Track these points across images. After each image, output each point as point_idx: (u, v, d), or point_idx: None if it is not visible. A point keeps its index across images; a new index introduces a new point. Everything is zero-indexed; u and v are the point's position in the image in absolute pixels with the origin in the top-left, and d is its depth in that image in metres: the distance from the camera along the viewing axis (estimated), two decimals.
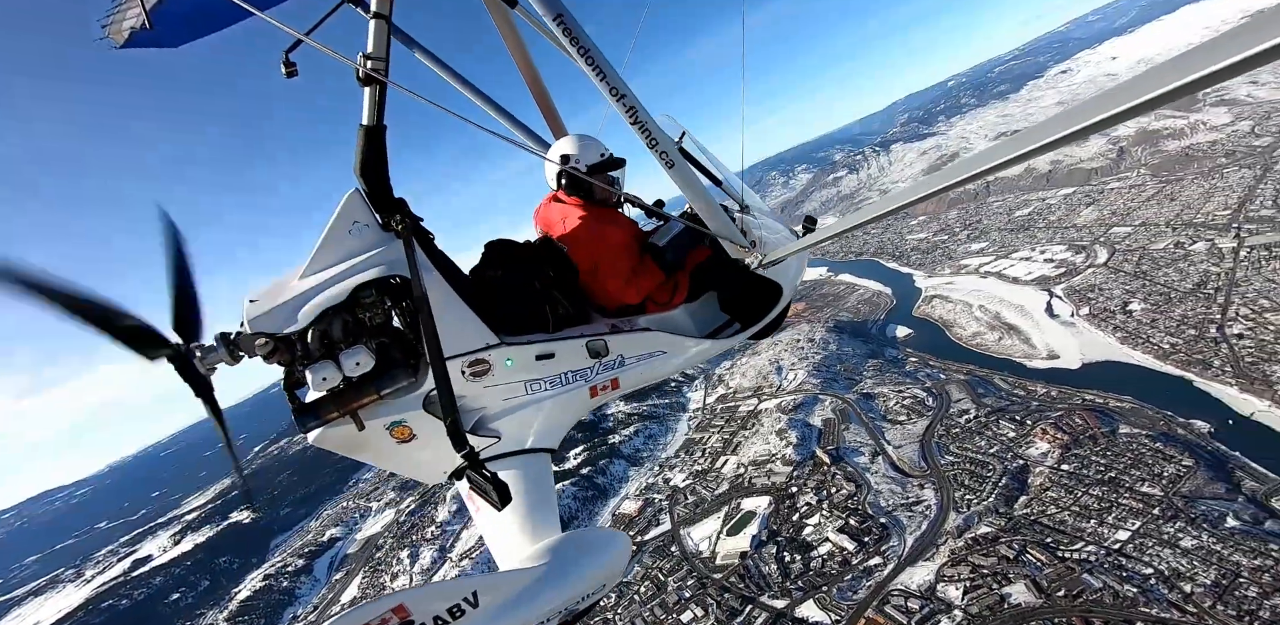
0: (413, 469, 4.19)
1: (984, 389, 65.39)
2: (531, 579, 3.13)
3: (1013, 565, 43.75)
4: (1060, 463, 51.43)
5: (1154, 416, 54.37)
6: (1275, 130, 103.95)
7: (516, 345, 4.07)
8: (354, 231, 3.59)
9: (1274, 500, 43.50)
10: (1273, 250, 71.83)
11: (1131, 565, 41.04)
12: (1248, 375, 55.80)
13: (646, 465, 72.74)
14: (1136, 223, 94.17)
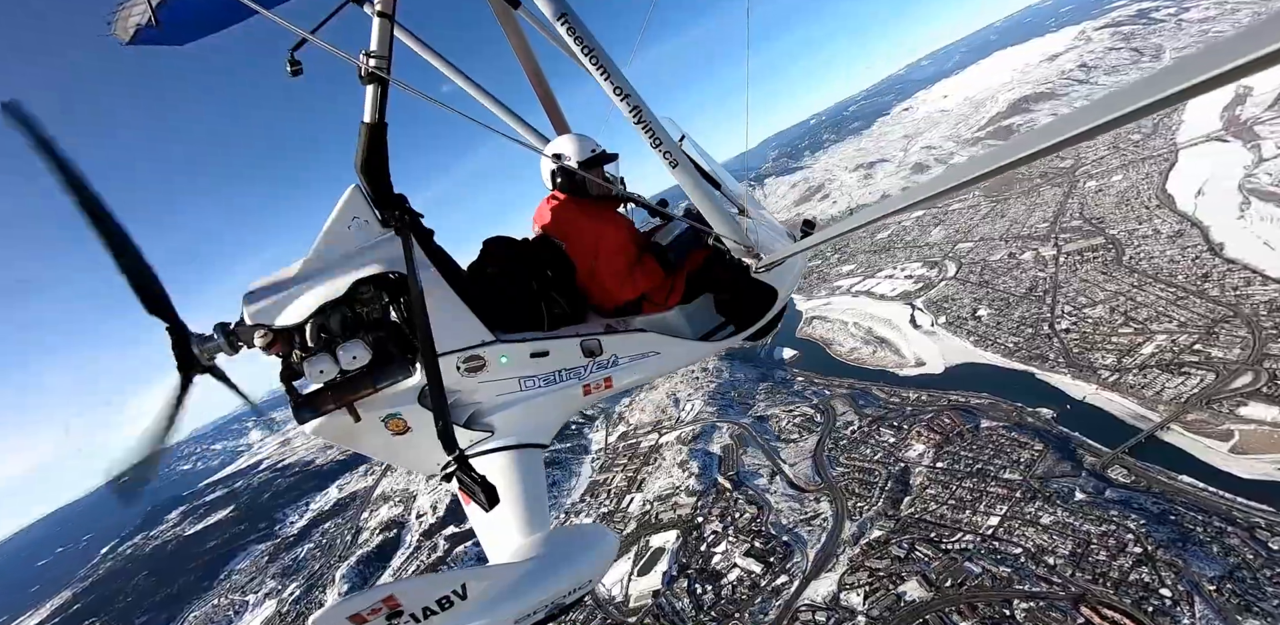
0: (407, 461, 4.17)
1: (864, 400, 69.38)
2: (520, 572, 3.17)
3: (904, 564, 45.81)
4: (935, 461, 55.10)
5: (1008, 409, 59.72)
6: (1074, 153, 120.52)
7: (512, 342, 4.11)
8: (354, 227, 3.63)
9: (1110, 471, 48.61)
10: (1084, 255, 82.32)
11: (1003, 547, 44.19)
12: (1077, 364, 62.91)
13: (551, 514, 70.41)
14: (976, 238, 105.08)
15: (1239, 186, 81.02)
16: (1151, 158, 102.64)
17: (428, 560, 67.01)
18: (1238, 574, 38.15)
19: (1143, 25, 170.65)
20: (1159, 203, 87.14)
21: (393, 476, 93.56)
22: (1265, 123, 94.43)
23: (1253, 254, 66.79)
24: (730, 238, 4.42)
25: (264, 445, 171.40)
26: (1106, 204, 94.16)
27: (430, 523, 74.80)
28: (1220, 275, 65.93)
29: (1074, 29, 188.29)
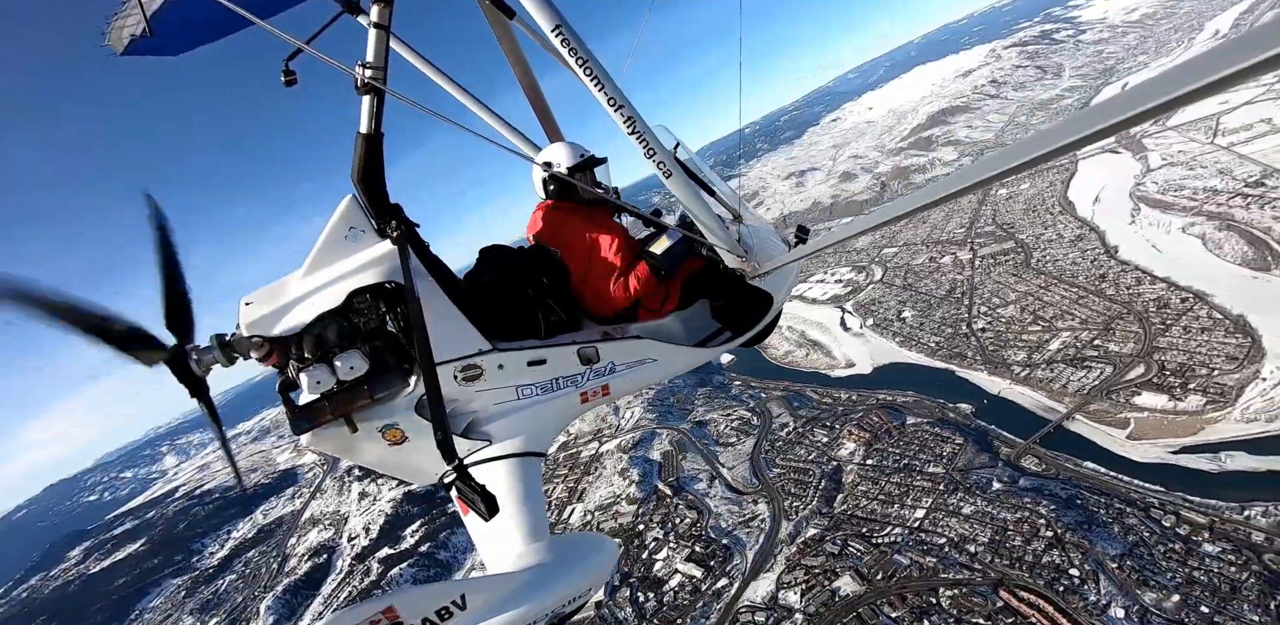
0: (404, 471, 4.13)
1: (799, 402, 71.25)
2: (520, 582, 3.11)
3: (838, 560, 47.12)
4: (865, 458, 57.05)
5: (931, 406, 62.55)
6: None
7: (509, 351, 4.08)
8: (350, 237, 3.59)
9: (1023, 461, 51.53)
10: (997, 258, 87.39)
11: (929, 538, 46.09)
12: (992, 361, 66.60)
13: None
14: (900, 243, 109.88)
15: (1130, 194, 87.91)
16: (1054, 167, 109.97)
17: (361, 585, 64.26)
18: (1136, 551, 41.04)
19: (1045, 45, 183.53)
20: (1061, 209, 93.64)
21: (322, 498, 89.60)
22: (1151, 136, 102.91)
23: (1142, 256, 72.57)
24: (724, 247, 4.47)
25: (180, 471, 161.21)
26: (1016, 210, 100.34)
27: (363, 545, 71.84)
28: (1115, 275, 71.28)
29: (985, 47, 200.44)
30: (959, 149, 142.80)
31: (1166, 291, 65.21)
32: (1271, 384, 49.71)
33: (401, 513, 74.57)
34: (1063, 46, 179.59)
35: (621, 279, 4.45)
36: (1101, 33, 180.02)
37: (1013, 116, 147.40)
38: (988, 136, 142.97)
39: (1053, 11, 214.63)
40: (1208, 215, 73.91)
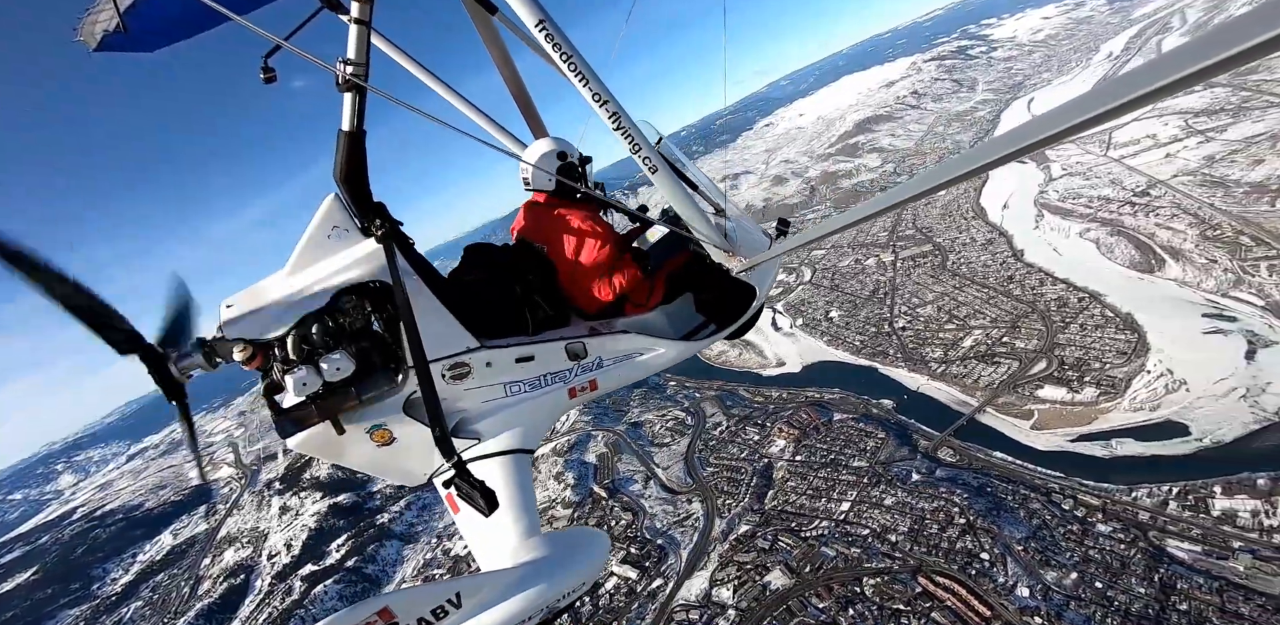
0: (392, 472, 4.11)
1: (731, 401, 72.67)
2: (513, 579, 3.13)
3: (769, 555, 48.30)
4: (795, 455, 58.75)
5: (856, 402, 65.10)
6: (909, 170, 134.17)
7: (496, 348, 4.08)
8: (334, 236, 3.53)
9: (939, 452, 54.35)
10: (916, 260, 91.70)
11: (854, 530, 47.93)
12: (911, 358, 69.93)
13: (423, 540, 67.34)
14: (828, 246, 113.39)
15: (1035, 201, 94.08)
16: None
17: (282, 605, 61.07)
18: (1039, 533, 43.95)
19: (961, 60, 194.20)
20: (974, 215, 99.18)
21: (239, 515, 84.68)
22: (1053, 148, 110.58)
23: (1045, 258, 77.79)
24: (710, 241, 4.49)
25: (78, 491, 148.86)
26: (934, 215, 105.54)
27: (285, 563, 68.29)
28: (1021, 277, 76.12)
29: (907, 60, 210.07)
30: (882, 156, 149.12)
31: (1066, 292, 70.10)
32: (1154, 376, 54.26)
33: (326, 527, 71.44)
34: (977, 62, 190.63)
35: (608, 274, 4.50)
36: (1011, 50, 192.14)
37: (931, 126, 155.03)
38: (909, 145, 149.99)
39: (968, 29, 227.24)
40: (1101, 221, 79.92)
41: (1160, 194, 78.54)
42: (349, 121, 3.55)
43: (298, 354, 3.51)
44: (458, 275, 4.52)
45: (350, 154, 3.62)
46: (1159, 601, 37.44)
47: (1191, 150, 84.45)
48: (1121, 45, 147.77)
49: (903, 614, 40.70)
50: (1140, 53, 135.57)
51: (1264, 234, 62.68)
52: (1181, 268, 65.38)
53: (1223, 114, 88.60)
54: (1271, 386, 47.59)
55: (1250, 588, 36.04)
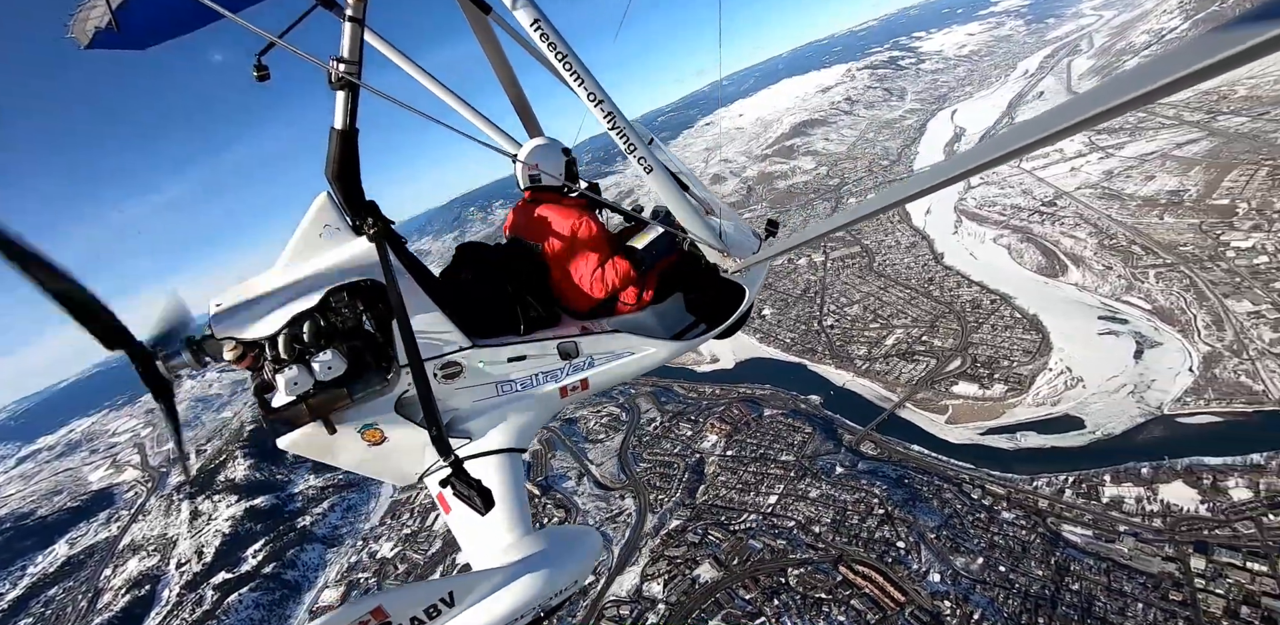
0: (384, 471, 4.09)
1: (666, 397, 73.45)
2: (506, 577, 3.14)
3: (698, 549, 49.19)
4: (726, 450, 60.00)
5: (785, 398, 67.03)
6: (840, 174, 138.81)
7: (488, 347, 4.09)
8: (325, 235, 3.54)
9: (862, 446, 56.70)
10: (845, 261, 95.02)
11: (780, 522, 49.41)
12: (838, 355, 72.59)
13: (347, 543, 65.22)
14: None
15: (954, 207, 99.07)
16: (895, 181, 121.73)
17: (191, 617, 57.71)
18: (951, 522, 46.51)
19: (892, 70, 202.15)
20: (900, 218, 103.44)
21: (145, 521, 79.31)
22: None
23: (962, 262, 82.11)
24: (704, 240, 4.52)
25: None
26: None
27: (195, 571, 64.42)
28: (940, 279, 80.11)
29: (842, 67, 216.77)
30: (816, 159, 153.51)
31: (979, 294, 74.23)
32: (1055, 373, 58.29)
33: (242, 532, 67.82)
34: (906, 72, 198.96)
35: (600, 272, 4.54)
36: (938, 63, 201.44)
37: (863, 133, 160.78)
38: (841, 149, 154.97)
39: (900, 40, 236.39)
40: (1013, 229, 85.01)
41: (1065, 204, 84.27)
42: (341, 120, 3.53)
43: (289, 353, 3.51)
44: (450, 274, 4.55)
45: (342, 152, 3.61)
46: (1054, 582, 40.27)
47: (1093, 165, 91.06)
48: (1036, 64, 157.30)
49: (824, 602, 42.31)
50: (1052, 72, 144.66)
51: (1153, 244, 68.30)
52: (1081, 273, 70.42)
53: (1121, 132, 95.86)
54: (1156, 384, 51.97)
55: (1133, 568, 39.30)
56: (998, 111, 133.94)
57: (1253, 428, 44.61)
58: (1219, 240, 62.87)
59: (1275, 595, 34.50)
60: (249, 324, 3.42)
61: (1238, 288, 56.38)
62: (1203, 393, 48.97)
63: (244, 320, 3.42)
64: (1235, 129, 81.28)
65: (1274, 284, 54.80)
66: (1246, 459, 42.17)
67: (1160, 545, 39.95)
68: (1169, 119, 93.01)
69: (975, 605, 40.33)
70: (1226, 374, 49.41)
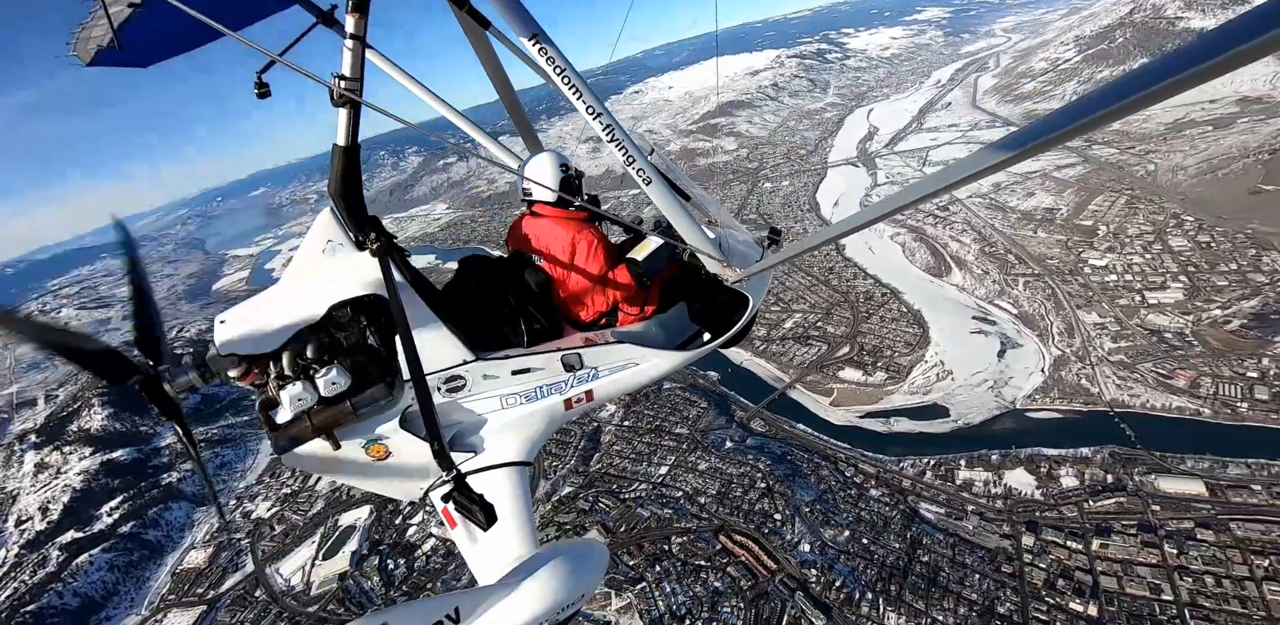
0: (389, 487, 4.12)
1: None
2: (512, 593, 3.11)
3: (588, 515, 49.97)
4: (624, 420, 60.95)
5: (686, 372, 68.37)
6: (760, 158, 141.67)
7: (492, 360, 4.08)
8: (328, 251, 3.58)
9: (752, 423, 59.47)
10: None
11: (669, 492, 51.06)
12: None
13: (219, 501, 61.06)
14: None
15: (859, 202, 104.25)
16: (809, 171, 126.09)
17: (33, 579, 51.86)
18: (824, 497, 49.93)
19: (819, 62, 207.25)
20: (810, 207, 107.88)
21: None
22: (882, 157, 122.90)
23: (860, 255, 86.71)
24: (704, 251, 4.49)
25: None
26: (775, 203, 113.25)
27: (39, 529, 57.77)
28: (840, 269, 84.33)
29: (773, 52, 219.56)
30: (739, 141, 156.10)
31: (873, 286, 79.00)
32: (930, 365, 63.43)
33: (96, 487, 61.29)
34: (831, 67, 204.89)
35: (603, 284, 4.59)
36: (861, 62, 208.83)
37: (785, 120, 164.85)
38: (763, 133, 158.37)
39: (829, 34, 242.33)
40: (908, 228, 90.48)
41: (956, 211, 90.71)
42: (344, 136, 3.51)
43: (293, 369, 3.54)
44: (453, 288, 4.56)
45: (345, 169, 3.59)
46: (908, 554, 44.34)
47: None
48: (948, 75, 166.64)
49: (703, 569, 44.42)
50: (961, 85, 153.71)
51: (1025, 255, 75.34)
52: (963, 276, 76.54)
53: None
54: (1012, 381, 57.88)
55: (975, 543, 44.02)
56: (909, 116, 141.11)
57: (1085, 425, 50.99)
58: (1079, 257, 70.45)
59: (1085, 570, 40.08)
60: (253, 340, 3.44)
61: (1089, 301, 63.64)
62: (1050, 391, 55.20)
63: (247, 337, 3.44)
64: (1106, 158, 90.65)
65: (1119, 300, 62.36)
66: (1077, 451, 48.16)
67: (999, 524, 45.02)
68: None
69: (838, 574, 43.73)
70: (1070, 376, 55.91)
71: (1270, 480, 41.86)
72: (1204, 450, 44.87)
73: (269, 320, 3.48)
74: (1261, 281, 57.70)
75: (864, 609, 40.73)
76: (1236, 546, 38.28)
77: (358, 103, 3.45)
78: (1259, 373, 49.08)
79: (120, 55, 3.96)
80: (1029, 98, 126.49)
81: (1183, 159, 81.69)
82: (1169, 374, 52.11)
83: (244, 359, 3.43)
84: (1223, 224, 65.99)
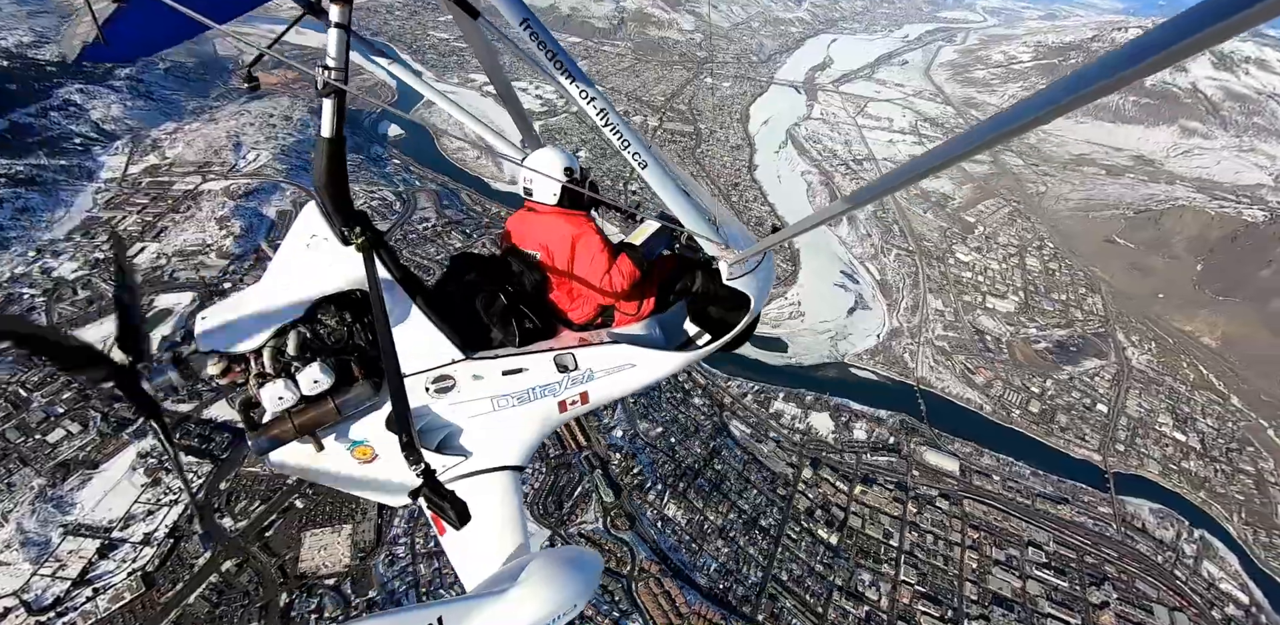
0: (375, 491, 3.97)
1: (449, 201, 67.53)
2: (500, 602, 3.09)
3: None
4: None
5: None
6: (711, 50, 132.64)
7: (483, 360, 3.98)
8: (313, 245, 3.54)
9: None
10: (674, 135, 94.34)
11: None
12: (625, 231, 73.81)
13: (15, 249, 51.00)
14: (607, 87, 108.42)
15: (786, 129, 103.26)
16: (754, 80, 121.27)
17: None
18: (652, 393, 52.79)
19: None
20: (740, 118, 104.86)
21: None
22: (825, 91, 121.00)
23: (768, 181, 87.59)
24: (704, 235, 4.23)
25: None
26: (709, 102, 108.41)
27: None
28: (744, 188, 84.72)
29: None
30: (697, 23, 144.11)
31: (767, 215, 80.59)
32: (789, 303, 67.61)
33: None
34: None
35: (608, 277, 4.40)
36: None
37: (750, 18, 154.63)
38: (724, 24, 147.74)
39: None
40: (819, 170, 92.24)
41: (870, 168, 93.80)
42: (329, 127, 3.31)
43: (274, 367, 3.44)
44: (444, 285, 4.34)
45: (331, 161, 3.38)
46: (704, 461, 49.15)
47: (907, 146, 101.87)
48: (916, 34, 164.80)
49: None
50: (923, 48, 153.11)
51: (908, 230, 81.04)
52: (849, 230, 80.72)
53: (940, 128, 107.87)
54: (850, 338, 64.04)
55: (764, 464, 49.94)
56: (864, 61, 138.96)
57: (892, 391, 58.69)
58: (950, 248, 77.29)
59: (841, 508, 47.70)
60: (233, 338, 3.37)
61: (941, 288, 70.93)
62: (876, 355, 62.10)
63: (228, 334, 3.38)
64: (1012, 167, 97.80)
65: (964, 296, 70.30)
66: (876, 411, 55.63)
67: (790, 454, 51.34)
68: None
69: (639, 463, 47.46)
70: (898, 348, 63.13)
71: (1007, 476, 52.21)
72: (971, 438, 54.35)
73: (250, 317, 3.41)
74: (1077, 317, 68.13)
75: (650, 497, 45.04)
76: (961, 518, 47.98)
77: (344, 92, 3.25)
78: (1040, 390, 59.59)
79: (106, 51, 3.87)
80: (975, 84, 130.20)
81: (1069, 190, 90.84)
82: (974, 370, 61.06)
83: (225, 356, 3.35)
84: (1073, 259, 75.72)
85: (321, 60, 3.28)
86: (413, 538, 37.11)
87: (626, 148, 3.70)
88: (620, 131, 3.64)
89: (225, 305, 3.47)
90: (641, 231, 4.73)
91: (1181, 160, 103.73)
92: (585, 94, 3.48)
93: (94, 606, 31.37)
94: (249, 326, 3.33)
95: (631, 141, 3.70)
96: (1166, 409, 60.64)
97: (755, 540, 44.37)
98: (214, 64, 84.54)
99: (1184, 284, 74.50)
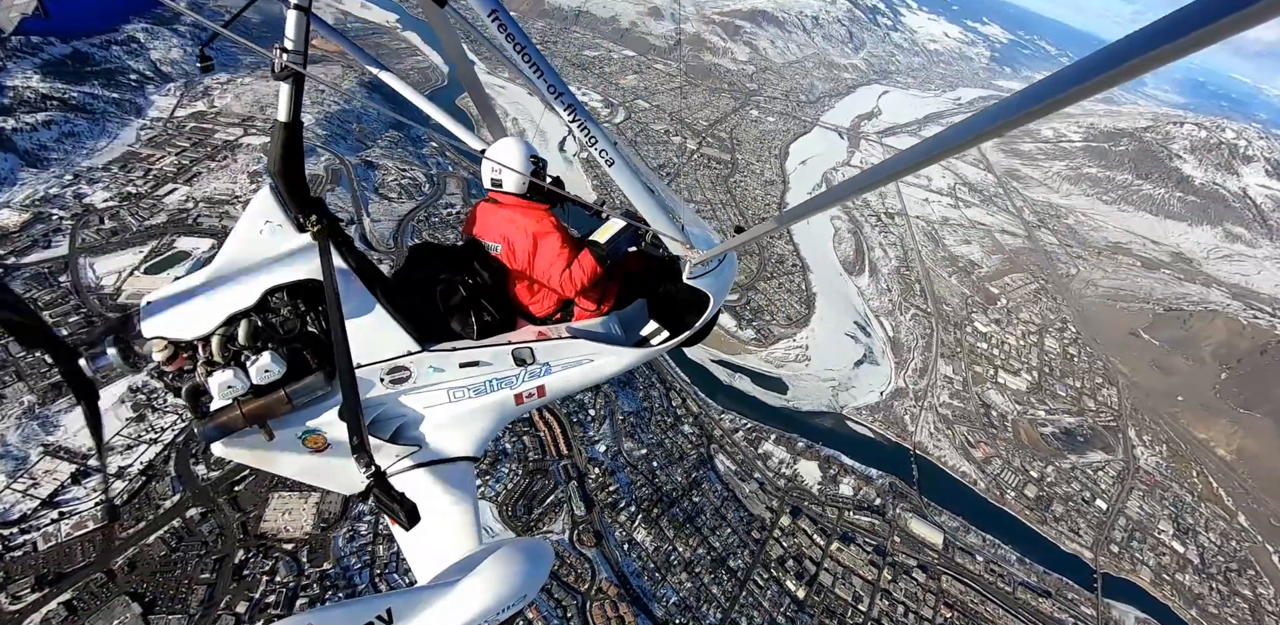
0: (327, 480, 3.89)
1: (477, 191, 66.70)
2: (450, 593, 3.02)
3: None
4: None
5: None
6: (760, 83, 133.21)
7: (439, 352, 3.92)
8: (266, 231, 3.45)
9: None
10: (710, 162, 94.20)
11: None
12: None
13: (53, 171, 51.02)
14: (654, 103, 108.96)
15: (824, 172, 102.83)
16: (799, 119, 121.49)
17: None
18: (642, 413, 51.60)
19: (868, 18, 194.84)
20: (778, 154, 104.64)
21: None
22: (868, 140, 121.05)
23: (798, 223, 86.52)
24: (667, 234, 4.29)
25: None
26: (752, 134, 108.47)
27: None
28: None
29: None
30: (751, 55, 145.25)
31: (790, 253, 79.82)
32: (796, 345, 66.34)
33: None
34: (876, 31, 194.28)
35: (568, 272, 4.34)
36: (904, 41, 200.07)
37: (805, 58, 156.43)
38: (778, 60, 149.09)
39: None
40: (849, 218, 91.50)
41: (901, 223, 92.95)
42: (286, 112, 3.27)
43: (223, 355, 3.31)
44: (402, 276, 4.28)
45: (287, 146, 3.35)
46: (683, 490, 47.52)
47: (941, 207, 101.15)
48: (969, 98, 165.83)
49: (500, 437, 44.13)
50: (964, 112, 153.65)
51: (929, 291, 79.84)
52: (869, 282, 79.62)
53: (979, 195, 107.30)
54: (853, 390, 62.48)
55: (743, 504, 48.20)
56: (913, 117, 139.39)
57: (886, 452, 56.89)
58: (970, 316, 75.81)
59: (815, 562, 45.74)
60: (181, 323, 3.23)
61: (954, 355, 69.32)
62: (876, 412, 60.39)
63: (175, 319, 3.23)
64: (1045, 245, 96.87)
65: (975, 366, 68.70)
66: (867, 469, 53.89)
67: (772, 497, 49.58)
68: (1015, 211, 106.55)
69: (617, 481, 45.79)
70: (899, 408, 61.42)
71: (991, 558, 50.16)
72: (960, 513, 52.32)
73: (199, 302, 3.24)
74: (1089, 407, 66.42)
75: (622, 517, 43.43)
76: (936, 594, 45.94)
77: (301, 76, 3.19)
78: (1039, 475, 57.66)
79: (47, 24, 3.45)
80: (1020, 156, 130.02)
81: (1101, 277, 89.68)
82: (974, 443, 59.22)
83: (171, 342, 3.20)
84: (1094, 347, 74.22)
85: (279, 42, 3.14)
86: (377, 517, 35.87)
87: (594, 144, 3.60)
88: (588, 128, 3.50)
89: (173, 289, 3.29)
90: (607, 229, 4.61)
91: (1221, 263, 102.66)
92: (554, 89, 3.34)
93: (56, 529, 31.13)
94: (197, 312, 3.20)
95: (599, 138, 3.58)
96: (1169, 516, 58.52)
97: (720, 580, 42.58)
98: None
99: (1205, 390, 72.67)
